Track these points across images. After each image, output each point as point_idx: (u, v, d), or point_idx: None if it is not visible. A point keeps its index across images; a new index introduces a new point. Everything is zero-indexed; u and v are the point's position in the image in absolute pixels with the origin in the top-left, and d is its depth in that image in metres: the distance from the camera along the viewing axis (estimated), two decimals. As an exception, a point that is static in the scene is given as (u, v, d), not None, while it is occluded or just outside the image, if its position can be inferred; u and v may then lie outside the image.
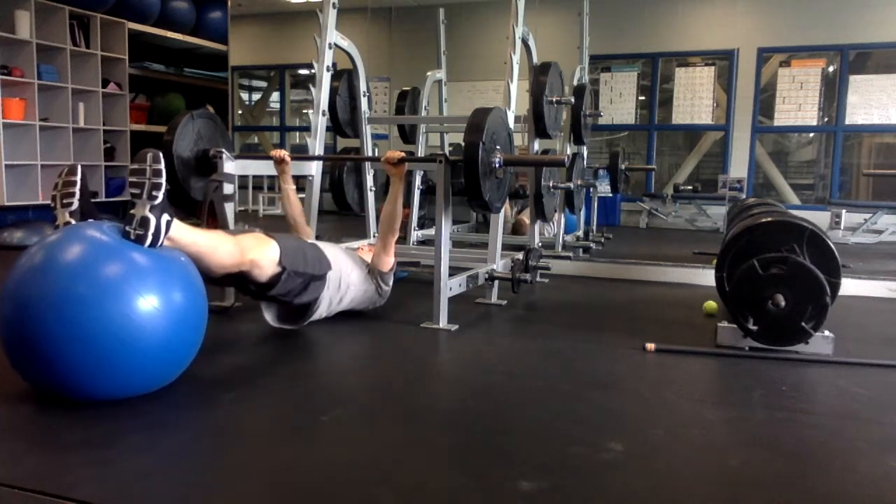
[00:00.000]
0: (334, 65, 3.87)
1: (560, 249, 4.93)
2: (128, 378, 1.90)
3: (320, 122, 3.75)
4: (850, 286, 3.59)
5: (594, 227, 5.88)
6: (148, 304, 1.86)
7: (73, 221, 2.13)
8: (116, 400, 1.93)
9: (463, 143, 2.91)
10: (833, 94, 7.06)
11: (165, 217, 2.01)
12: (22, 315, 1.82)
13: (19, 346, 1.85)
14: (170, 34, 7.24)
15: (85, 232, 1.95)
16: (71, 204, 2.16)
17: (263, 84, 9.76)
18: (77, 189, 2.18)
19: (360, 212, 4.38)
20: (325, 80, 3.76)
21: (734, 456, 1.70)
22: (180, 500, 1.44)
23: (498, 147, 3.00)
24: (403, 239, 4.87)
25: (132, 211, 1.96)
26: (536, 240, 4.22)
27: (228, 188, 3.15)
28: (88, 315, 1.80)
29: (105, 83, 6.46)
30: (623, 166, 5.88)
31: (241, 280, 2.49)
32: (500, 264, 3.64)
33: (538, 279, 3.77)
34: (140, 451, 1.65)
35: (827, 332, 2.54)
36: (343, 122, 4.11)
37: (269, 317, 2.76)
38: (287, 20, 8.75)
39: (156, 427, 1.81)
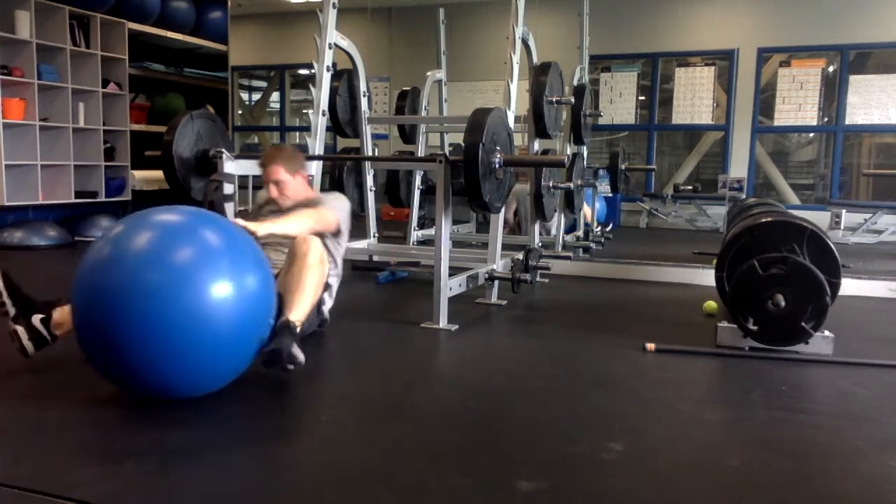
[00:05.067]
0: (334, 65, 3.86)
1: (560, 249, 4.93)
2: (206, 370, 1.87)
3: (320, 122, 3.75)
4: (850, 286, 3.59)
5: (594, 228, 5.87)
6: (223, 290, 1.82)
7: (21, 329, 2.12)
8: (191, 399, 1.92)
9: (463, 143, 2.91)
10: (833, 94, 7.06)
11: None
12: (97, 307, 1.78)
13: (94, 340, 1.82)
14: (170, 34, 7.24)
15: (154, 218, 1.93)
16: (7, 312, 2.16)
17: (263, 84, 9.75)
18: (4, 295, 2.17)
19: (360, 211, 4.37)
20: (325, 80, 3.76)
21: (734, 456, 1.70)
22: (180, 500, 1.44)
23: (498, 147, 3.00)
24: (403, 239, 4.88)
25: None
26: (536, 240, 4.22)
27: (228, 188, 3.15)
28: (162, 304, 1.75)
29: (105, 83, 6.45)
30: (623, 166, 5.88)
31: None
32: (500, 264, 3.64)
33: (538, 279, 3.77)
34: (140, 451, 1.65)
35: (827, 332, 2.54)
36: (343, 122, 4.11)
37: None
38: (287, 20, 8.75)
39: (155, 427, 1.81)
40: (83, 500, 1.39)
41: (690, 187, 7.28)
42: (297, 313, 2.21)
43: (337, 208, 2.74)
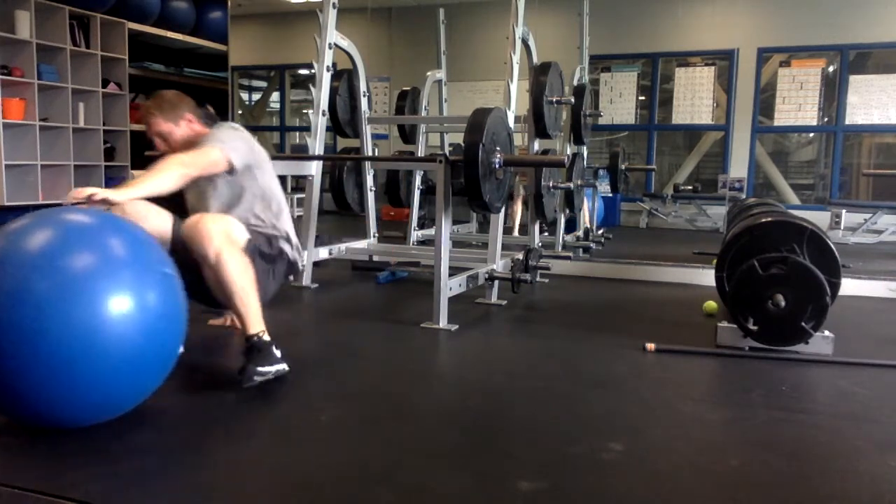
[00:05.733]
0: (334, 65, 3.87)
1: (560, 249, 4.93)
2: (96, 397, 1.63)
3: (320, 122, 3.75)
4: (850, 286, 3.59)
5: (594, 227, 5.87)
6: (121, 305, 1.59)
7: None
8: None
9: (463, 144, 2.91)
10: (833, 94, 7.06)
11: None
12: None
13: None
14: (170, 34, 7.25)
15: (52, 218, 1.70)
16: None
17: (263, 84, 9.76)
18: None
19: (360, 211, 4.38)
20: (325, 80, 3.76)
21: (734, 456, 1.70)
22: (180, 500, 1.44)
23: (498, 147, 3.00)
24: (403, 239, 4.88)
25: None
26: (536, 240, 4.22)
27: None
28: (49, 317, 1.52)
29: (105, 83, 6.46)
30: (623, 166, 5.87)
31: None
32: (500, 264, 3.64)
33: (538, 279, 3.77)
34: (140, 450, 1.65)
35: (827, 332, 2.54)
36: (343, 122, 4.11)
37: None
38: (287, 20, 8.75)
39: (155, 427, 1.81)
40: (83, 500, 1.39)
41: (690, 187, 7.29)
42: (252, 325, 2.10)
43: (221, 140, 2.27)
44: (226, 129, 2.38)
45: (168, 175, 2.07)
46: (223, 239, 2.05)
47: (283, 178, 3.43)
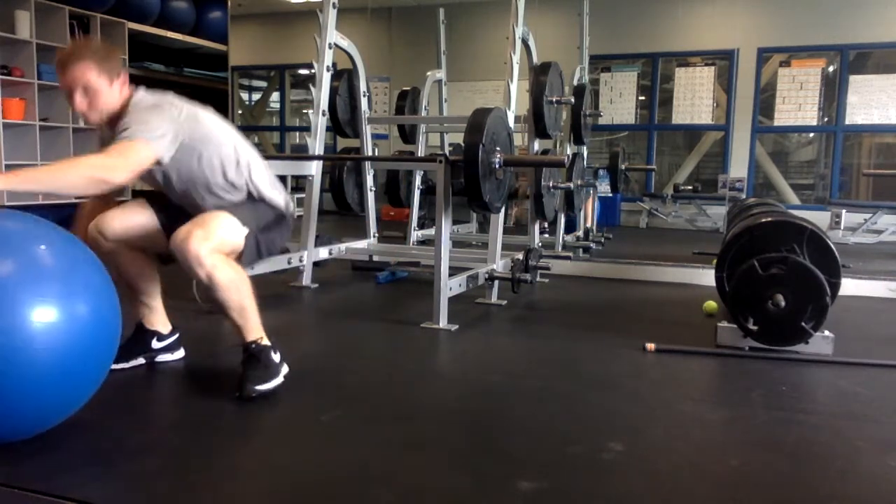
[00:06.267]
0: (334, 65, 3.87)
1: (560, 249, 4.93)
2: (15, 412, 1.54)
3: (320, 122, 3.75)
4: (850, 286, 3.59)
5: (594, 227, 5.87)
6: (45, 315, 1.50)
7: None
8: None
9: (463, 144, 2.91)
10: (833, 94, 7.06)
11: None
12: None
13: None
14: (170, 34, 7.25)
15: None
16: None
17: (263, 84, 9.77)
18: None
19: (361, 212, 4.38)
20: (325, 80, 3.76)
21: (734, 456, 1.70)
22: (180, 501, 1.44)
23: (498, 147, 3.00)
24: (403, 239, 4.88)
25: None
26: (536, 240, 4.22)
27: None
28: None
29: (105, 83, 6.45)
30: (623, 166, 5.88)
31: None
32: (500, 264, 3.64)
33: (538, 279, 3.77)
34: (140, 451, 1.65)
35: (827, 332, 2.54)
36: (343, 122, 4.11)
37: None
38: (287, 20, 8.76)
39: (155, 427, 1.81)
40: (83, 501, 1.39)
41: (690, 187, 7.29)
42: (250, 332, 2.06)
43: (146, 128, 1.90)
44: (145, 109, 1.98)
45: (74, 176, 1.76)
46: (213, 259, 1.90)
47: (283, 178, 3.45)
